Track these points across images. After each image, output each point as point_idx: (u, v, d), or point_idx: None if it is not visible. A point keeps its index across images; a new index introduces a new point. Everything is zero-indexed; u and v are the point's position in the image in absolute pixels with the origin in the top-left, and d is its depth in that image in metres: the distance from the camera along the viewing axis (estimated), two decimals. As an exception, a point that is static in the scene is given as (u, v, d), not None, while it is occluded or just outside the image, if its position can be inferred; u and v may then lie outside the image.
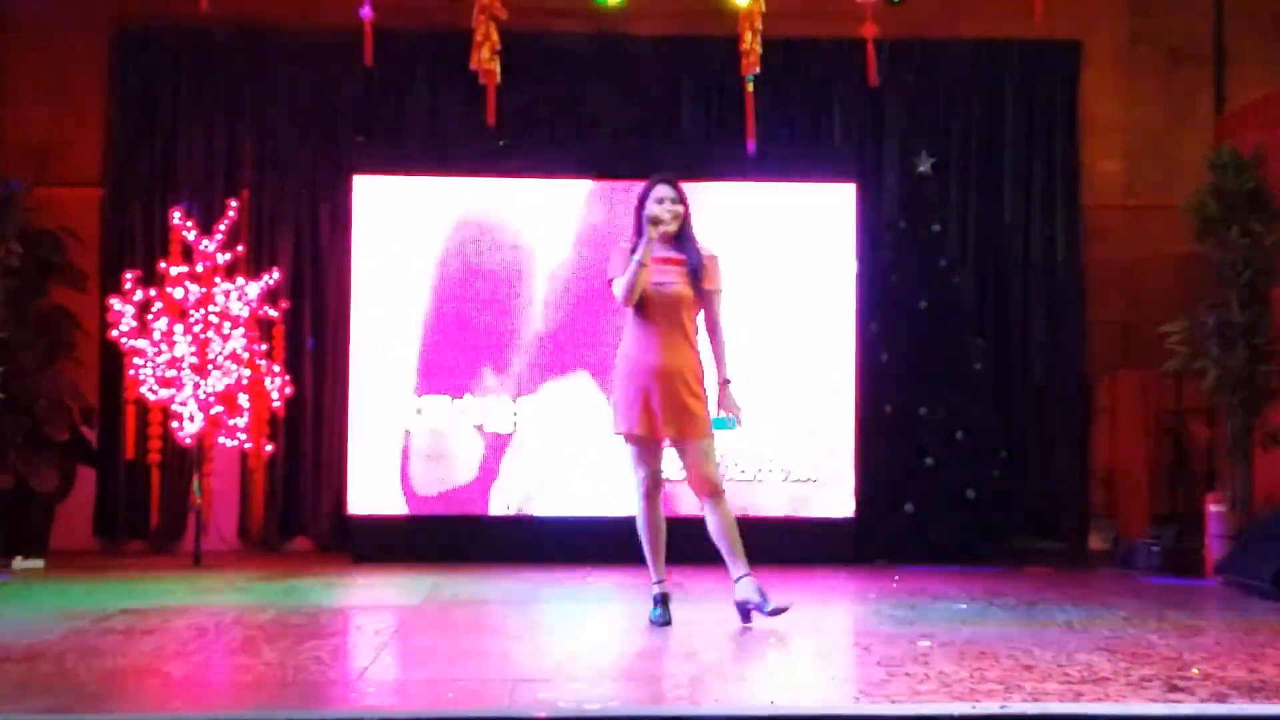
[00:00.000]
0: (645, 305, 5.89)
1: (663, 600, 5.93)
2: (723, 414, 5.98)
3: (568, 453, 8.72)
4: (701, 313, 6.03)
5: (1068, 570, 8.49)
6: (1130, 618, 6.23)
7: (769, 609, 5.81)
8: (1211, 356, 8.03)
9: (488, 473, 8.74)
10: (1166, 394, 9.22)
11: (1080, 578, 8.12)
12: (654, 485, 5.95)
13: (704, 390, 5.96)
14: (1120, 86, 9.92)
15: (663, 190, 5.95)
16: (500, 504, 8.73)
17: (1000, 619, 6.18)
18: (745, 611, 5.92)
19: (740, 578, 5.88)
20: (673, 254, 5.95)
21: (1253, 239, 7.99)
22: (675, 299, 5.89)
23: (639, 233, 5.89)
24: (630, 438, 5.91)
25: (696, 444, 5.87)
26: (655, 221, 5.83)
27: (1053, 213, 9.78)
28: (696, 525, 6.13)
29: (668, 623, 5.86)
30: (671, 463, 6.46)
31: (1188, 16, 9.75)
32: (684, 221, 5.98)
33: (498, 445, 8.75)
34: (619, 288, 5.86)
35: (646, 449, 5.90)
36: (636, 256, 5.81)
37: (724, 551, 5.90)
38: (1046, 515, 9.59)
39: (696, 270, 5.93)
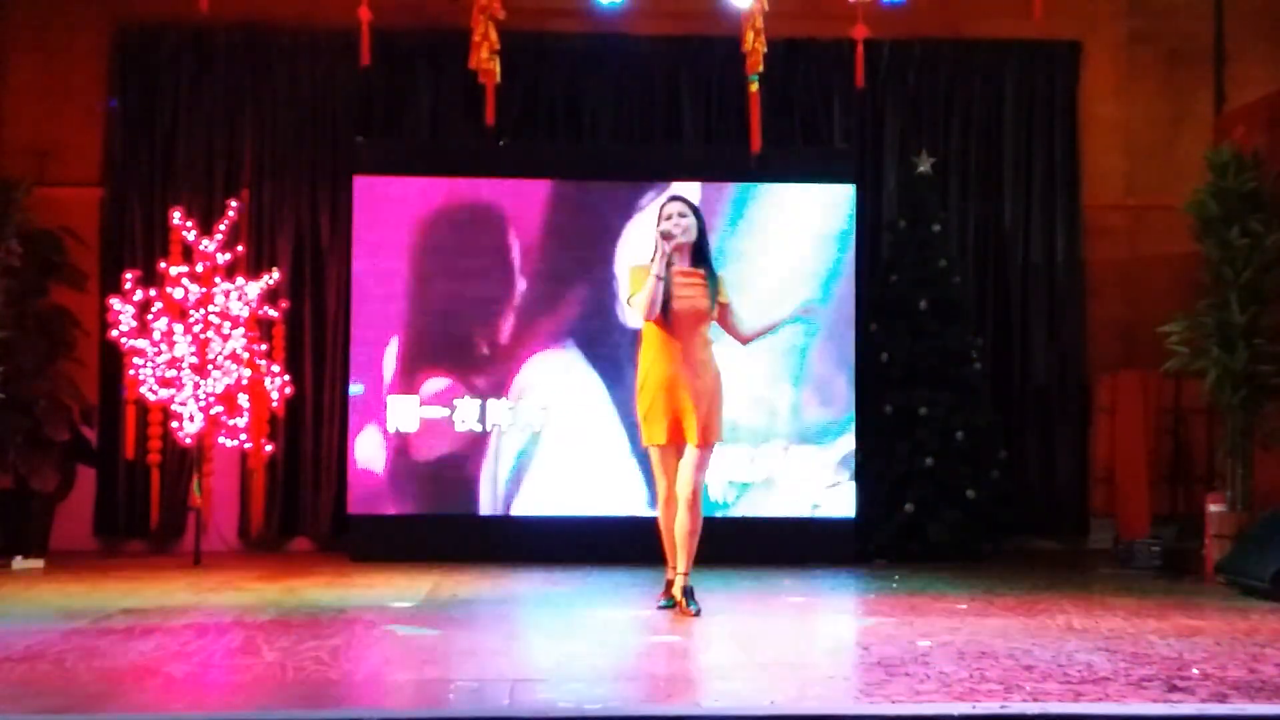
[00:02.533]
0: (666, 318, 6.03)
1: (689, 592, 6.11)
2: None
3: (568, 454, 8.71)
4: (727, 323, 6.29)
5: (1068, 570, 8.48)
6: (1130, 618, 6.22)
7: (695, 609, 6.08)
8: (1211, 356, 8.02)
9: (488, 473, 8.73)
10: (1166, 394, 9.22)
11: (1080, 578, 8.11)
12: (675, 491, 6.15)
13: (720, 400, 6.15)
14: (1120, 86, 9.92)
15: (672, 206, 6.22)
16: (499, 504, 8.72)
17: (1000, 619, 6.17)
18: (673, 602, 6.19)
19: (682, 575, 6.15)
20: (692, 268, 6.12)
21: (1253, 239, 7.98)
22: (696, 313, 6.10)
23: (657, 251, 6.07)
24: (658, 448, 6.07)
25: (699, 451, 6.04)
26: (667, 236, 5.98)
27: (1053, 212, 9.77)
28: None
29: (697, 613, 6.04)
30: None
31: (1188, 16, 9.75)
32: (700, 237, 6.15)
33: (498, 445, 8.74)
34: (639, 303, 6.02)
35: (672, 456, 6.08)
36: (654, 271, 5.94)
37: (680, 547, 6.13)
38: (1046, 515, 9.59)
39: (715, 285, 6.09)
